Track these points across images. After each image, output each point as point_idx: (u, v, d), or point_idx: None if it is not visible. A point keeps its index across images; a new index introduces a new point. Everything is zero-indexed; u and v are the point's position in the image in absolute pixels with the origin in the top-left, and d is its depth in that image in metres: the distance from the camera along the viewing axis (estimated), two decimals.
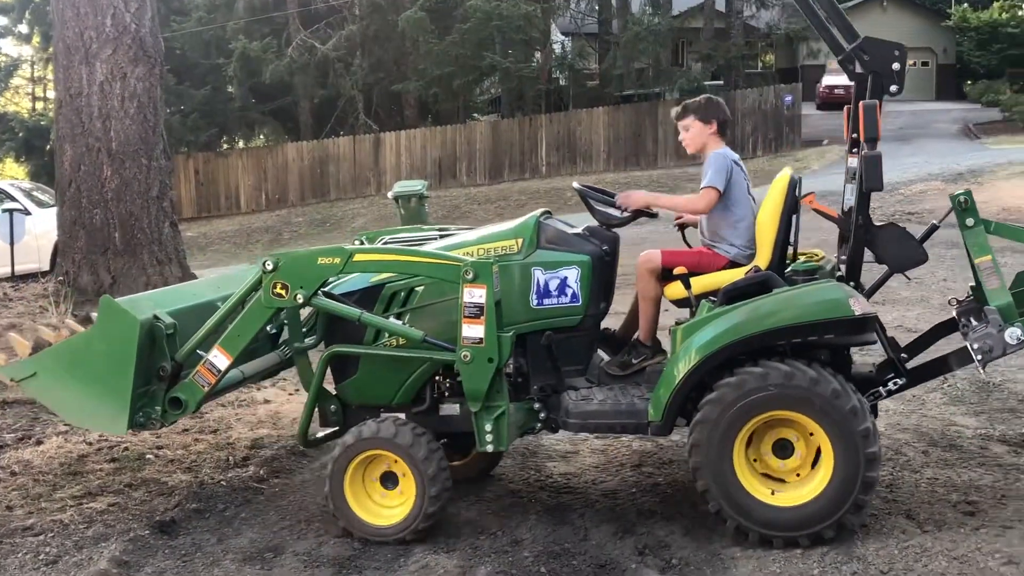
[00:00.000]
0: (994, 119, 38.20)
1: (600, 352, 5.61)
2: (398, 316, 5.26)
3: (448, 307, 5.08)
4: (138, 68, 10.66)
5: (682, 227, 5.85)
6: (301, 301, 5.01)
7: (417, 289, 5.28)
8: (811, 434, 4.75)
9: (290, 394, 8.12)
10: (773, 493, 4.78)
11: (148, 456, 6.59)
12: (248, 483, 6.07)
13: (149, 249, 10.85)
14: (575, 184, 5.71)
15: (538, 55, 35.82)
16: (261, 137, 40.17)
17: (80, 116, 10.61)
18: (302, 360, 5.60)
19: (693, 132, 5.49)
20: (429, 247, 5.50)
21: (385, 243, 5.97)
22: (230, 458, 6.52)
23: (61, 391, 5.30)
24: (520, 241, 5.26)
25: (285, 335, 5.90)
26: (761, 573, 4.53)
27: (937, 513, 5.03)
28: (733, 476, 4.73)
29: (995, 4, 51.58)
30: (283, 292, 4.98)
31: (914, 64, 47.17)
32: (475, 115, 38.98)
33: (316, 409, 5.47)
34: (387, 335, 5.28)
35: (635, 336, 5.48)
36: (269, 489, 6.00)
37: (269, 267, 4.98)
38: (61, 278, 10.92)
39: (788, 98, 31.25)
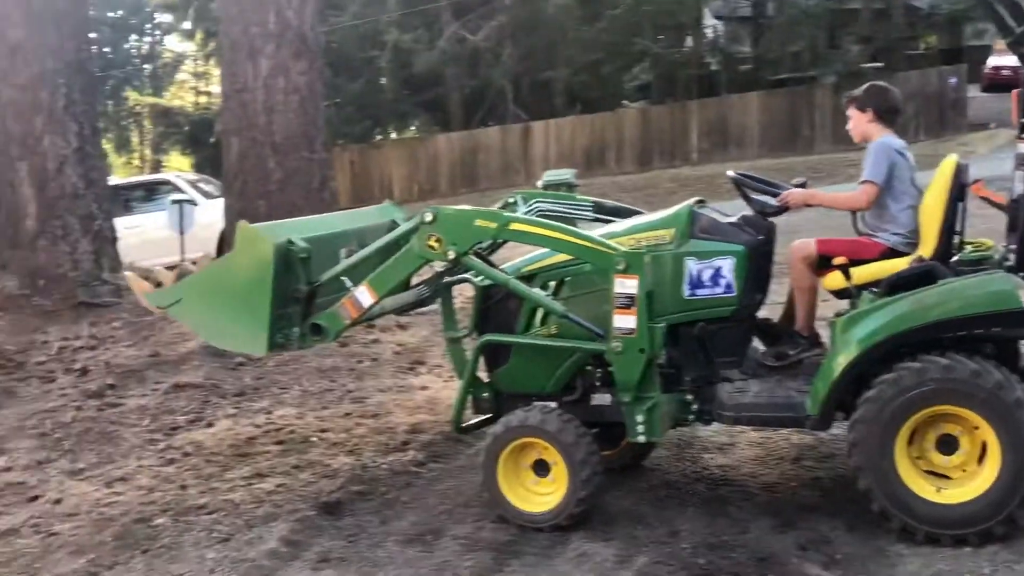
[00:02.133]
0: None
1: (757, 343, 5.52)
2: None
3: (597, 298, 5.07)
4: (300, 63, 10.95)
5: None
6: (452, 257, 5.05)
7: (567, 279, 5.31)
8: (976, 428, 4.57)
9: (445, 381, 8.25)
10: (939, 490, 4.63)
11: (312, 439, 6.81)
12: (408, 467, 6.21)
13: None
14: (730, 172, 5.63)
15: (689, 40, 35.36)
16: (413, 128, 40.82)
17: (245, 110, 10.97)
18: (456, 348, 5.71)
19: (853, 121, 5.45)
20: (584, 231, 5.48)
21: (537, 204, 5.98)
22: (390, 442, 6.67)
23: (204, 315, 5.48)
24: (673, 231, 5.21)
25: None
26: (928, 571, 4.40)
27: None
28: (896, 474, 4.59)
29: None
30: (436, 245, 5.04)
31: None
32: (624, 102, 38.74)
33: (469, 396, 5.56)
34: (539, 325, 5.31)
35: (794, 327, 5.38)
36: (428, 473, 6.13)
37: (428, 219, 5.04)
38: None
39: (953, 80, 30.04)
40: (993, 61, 43.23)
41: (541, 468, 5.14)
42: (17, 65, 10.61)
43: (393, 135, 39.26)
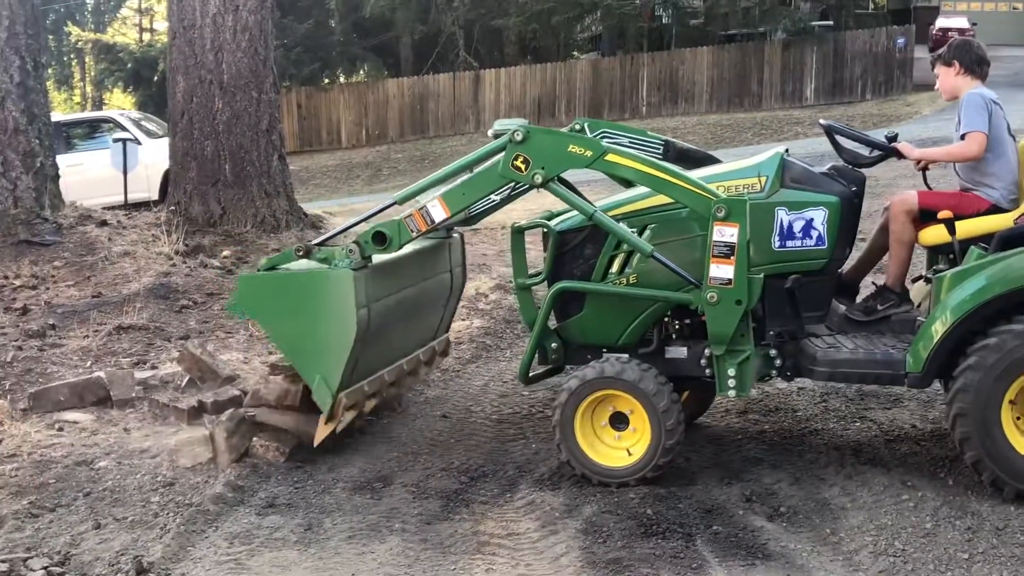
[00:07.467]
0: None
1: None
2: (626, 258, 5.16)
3: (683, 246, 5.00)
4: (250, 1, 10.74)
5: (924, 169, 5.64)
6: (538, 182, 4.88)
7: (650, 227, 5.13)
8: None
9: None
10: None
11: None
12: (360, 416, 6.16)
13: (258, 181, 11.00)
14: (822, 120, 5.56)
15: None
16: (362, 73, 40.30)
17: (193, 48, 10.74)
18: (525, 296, 5.47)
19: (940, 79, 5.33)
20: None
21: (602, 135, 5.63)
22: None
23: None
24: (763, 179, 5.06)
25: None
26: (872, 524, 4.48)
27: None
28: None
29: None
30: (522, 167, 4.87)
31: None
32: (575, 53, 38.58)
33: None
34: (616, 274, 5.19)
35: (884, 282, 5.28)
36: (379, 421, 6.11)
37: (518, 138, 4.85)
38: (173, 207, 11.14)
39: (901, 40, 30.21)
40: (941, 23, 43.64)
41: (619, 422, 4.99)
42: None
43: (342, 79, 38.71)
